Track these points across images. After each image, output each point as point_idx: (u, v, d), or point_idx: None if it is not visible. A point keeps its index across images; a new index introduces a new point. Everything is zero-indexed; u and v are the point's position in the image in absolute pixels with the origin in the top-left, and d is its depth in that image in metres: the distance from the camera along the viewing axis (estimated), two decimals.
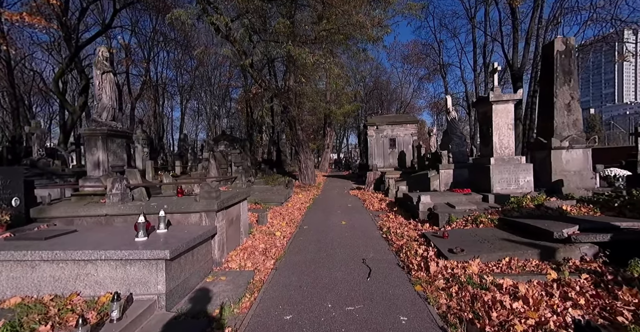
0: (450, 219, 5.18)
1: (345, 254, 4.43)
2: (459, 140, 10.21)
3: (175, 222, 4.14)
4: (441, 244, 4.04)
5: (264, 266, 4.13)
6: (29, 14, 14.65)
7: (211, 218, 4.13)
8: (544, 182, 6.78)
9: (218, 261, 4.14)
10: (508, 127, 6.75)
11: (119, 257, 2.84)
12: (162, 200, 4.43)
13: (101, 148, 4.54)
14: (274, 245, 5.10)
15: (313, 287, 3.32)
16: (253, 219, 6.86)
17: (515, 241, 3.83)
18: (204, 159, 10.62)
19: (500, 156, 6.75)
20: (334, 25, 11.29)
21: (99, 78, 4.55)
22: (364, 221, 6.77)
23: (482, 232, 4.40)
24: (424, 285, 3.19)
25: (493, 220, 4.71)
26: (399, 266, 3.85)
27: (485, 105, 7.00)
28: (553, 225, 3.74)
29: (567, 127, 6.63)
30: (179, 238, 3.32)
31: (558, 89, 6.68)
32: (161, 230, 3.59)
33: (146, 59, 27.93)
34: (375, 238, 5.30)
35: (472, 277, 3.07)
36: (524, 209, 4.83)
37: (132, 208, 4.03)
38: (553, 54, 6.73)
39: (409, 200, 7.36)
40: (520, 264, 3.30)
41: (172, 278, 3.00)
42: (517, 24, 19.79)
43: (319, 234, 5.72)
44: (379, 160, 18.46)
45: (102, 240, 3.22)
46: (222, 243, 4.31)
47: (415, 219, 6.18)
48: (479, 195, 6.78)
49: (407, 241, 4.74)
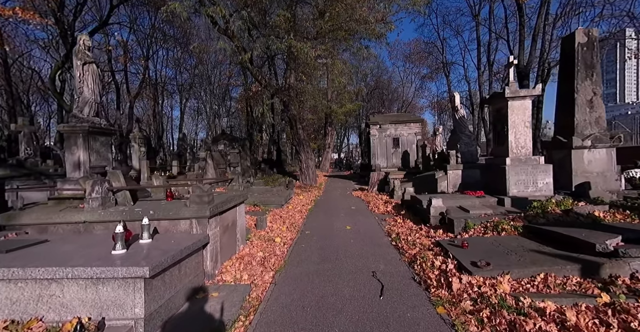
0: (467, 226, 4.73)
1: (352, 265, 3.98)
2: (467, 140, 9.75)
3: (162, 230, 3.69)
4: (461, 255, 3.58)
5: (262, 279, 3.69)
6: (22, 9, 14.22)
7: (203, 225, 3.68)
8: (563, 184, 6.33)
9: (210, 273, 3.69)
10: (525, 125, 6.29)
11: (89, 275, 2.39)
12: (148, 205, 3.99)
13: (82, 147, 4.09)
14: (274, 253, 4.65)
15: (318, 308, 2.87)
16: (251, 223, 6.42)
17: (547, 253, 3.37)
18: (200, 159, 10.17)
19: (517, 156, 6.29)
20: (335, 21, 10.85)
21: (79, 69, 4.10)
22: (370, 226, 6.32)
23: (506, 241, 3.94)
24: (447, 306, 2.74)
25: (517, 227, 4.25)
26: (414, 281, 3.40)
27: (500, 101, 6.54)
28: (591, 235, 3.29)
29: (589, 125, 6.17)
30: (163, 250, 2.87)
31: (579, 84, 6.21)
32: (144, 240, 3.14)
33: (145, 57, 27.49)
34: (384, 246, 4.85)
35: (505, 299, 2.62)
36: (549, 215, 4.37)
37: (113, 214, 3.59)
38: (574, 47, 6.26)
39: (417, 203, 6.90)
40: (559, 282, 2.84)
41: (153, 299, 2.56)
42: (523, 21, 19.31)
43: (322, 241, 5.27)
44: (382, 160, 18.00)
45: (74, 253, 2.77)
46: (216, 253, 3.86)
47: (426, 224, 5.73)
48: (493, 198, 6.33)
49: (420, 250, 4.29)
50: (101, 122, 4.32)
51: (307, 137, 16.27)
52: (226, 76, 34.82)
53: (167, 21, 25.51)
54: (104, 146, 4.38)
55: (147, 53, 27.76)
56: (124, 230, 2.85)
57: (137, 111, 40.02)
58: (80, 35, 4.20)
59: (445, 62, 31.75)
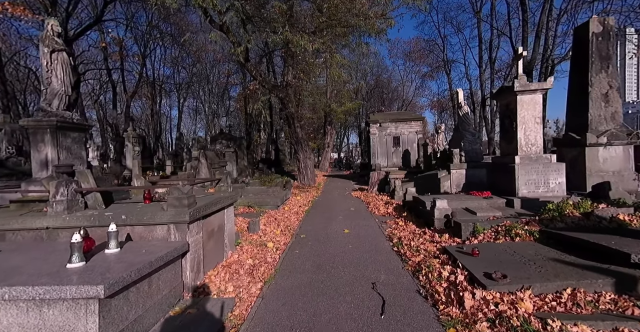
0: (475, 230, 4.32)
1: (350, 275, 3.58)
2: (472, 138, 9.34)
3: (137, 236, 3.29)
4: (472, 265, 3.18)
5: (249, 291, 3.28)
6: (11, 4, 13.83)
7: (182, 231, 3.27)
8: (576, 184, 5.92)
9: (191, 285, 3.28)
10: (535, 120, 5.88)
11: (31, 295, 1.99)
12: (123, 208, 3.58)
13: (50, 143, 3.69)
14: (264, 260, 4.25)
15: (309, 329, 2.47)
16: (243, 226, 6.02)
17: (571, 263, 2.97)
18: (193, 158, 9.76)
19: (527, 154, 5.88)
20: (334, 14, 10.44)
21: (47, 57, 3.69)
22: (370, 229, 5.92)
23: (521, 248, 3.54)
24: (459, 328, 2.34)
25: (532, 232, 3.84)
26: (419, 295, 3.00)
27: (509, 96, 6.13)
28: (622, 243, 2.88)
29: (604, 121, 5.76)
30: (129, 263, 2.47)
31: (594, 77, 5.80)
32: (111, 250, 2.74)
33: (142, 54, 27.09)
34: (384, 252, 4.45)
35: (529, 320, 2.22)
36: (567, 219, 3.97)
37: (80, 219, 3.18)
38: (587, 37, 5.84)
39: (420, 204, 6.50)
40: (590, 299, 2.44)
41: (111, 322, 2.15)
42: (527, 17, 18.92)
43: (318, 246, 4.87)
44: (382, 160, 17.60)
45: (24, 266, 2.37)
46: (198, 261, 3.46)
47: (430, 227, 5.32)
48: (501, 199, 5.93)
49: (425, 257, 3.88)
50: (73, 117, 3.91)
51: (305, 136, 15.88)
52: (225, 75, 34.43)
53: (163, 18, 25.16)
54: (76, 143, 3.97)
55: (144, 51, 27.37)
56: (83, 239, 2.45)
57: (136, 111, 39.69)
58: (48, 20, 3.80)
59: (446, 60, 31.34)
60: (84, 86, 31.06)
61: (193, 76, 35.04)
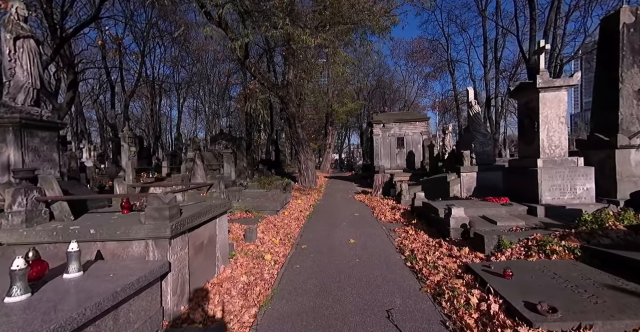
0: (501, 244, 3.80)
1: (359, 299, 3.06)
2: (483, 139, 8.82)
3: (108, 254, 2.79)
4: (506, 290, 2.66)
5: (240, 319, 2.77)
6: None
7: (162, 248, 2.77)
8: (604, 190, 5.40)
9: (172, 311, 2.77)
10: (560, 120, 5.36)
11: None
12: (94, 220, 3.08)
13: (13, 144, 3.19)
14: (261, 277, 3.74)
15: None
16: (239, 234, 5.52)
17: (634, 292, 2.44)
18: (188, 160, 9.27)
19: (550, 157, 5.36)
20: (337, 11, 9.97)
21: (9, 45, 3.20)
22: (378, 238, 5.40)
23: (561, 269, 3.02)
24: None
25: (572, 249, 3.32)
26: (446, 328, 2.48)
27: (529, 93, 5.61)
28: None
29: (636, 121, 5.24)
30: (88, 293, 1.97)
31: (625, 73, 5.28)
32: (71, 274, 2.24)
33: (141, 53, 26.66)
34: (397, 267, 3.93)
35: None
36: (611, 233, 3.44)
37: (40, 234, 2.68)
38: (617, 29, 5.33)
39: (432, 211, 5.98)
40: None
41: None
42: (534, 15, 18.41)
43: (321, 259, 4.35)
44: (385, 161, 17.09)
45: None
46: (182, 282, 2.95)
47: (445, 238, 4.80)
48: (522, 206, 5.40)
49: (445, 276, 3.37)
50: (41, 113, 3.41)
51: (306, 136, 15.38)
52: (225, 75, 33.97)
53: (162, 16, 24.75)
54: (46, 144, 3.47)
55: (143, 49, 26.94)
56: (28, 264, 1.95)
57: (136, 111, 39.34)
58: (12, 2, 3.30)
59: (450, 59, 30.86)
60: (83, 86, 30.69)
61: (193, 76, 34.64)
